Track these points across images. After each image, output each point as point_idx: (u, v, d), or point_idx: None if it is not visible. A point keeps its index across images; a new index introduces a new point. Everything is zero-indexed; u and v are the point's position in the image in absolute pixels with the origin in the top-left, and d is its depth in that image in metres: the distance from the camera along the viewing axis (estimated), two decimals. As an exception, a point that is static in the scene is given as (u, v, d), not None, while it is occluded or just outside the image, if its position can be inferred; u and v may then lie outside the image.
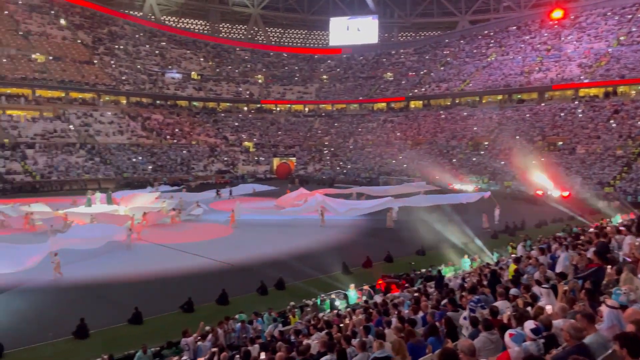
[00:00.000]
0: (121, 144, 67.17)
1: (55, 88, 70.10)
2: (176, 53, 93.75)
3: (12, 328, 15.25)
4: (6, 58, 69.63)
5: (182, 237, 30.12)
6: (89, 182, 55.20)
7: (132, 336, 15.09)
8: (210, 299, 18.33)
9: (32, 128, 62.59)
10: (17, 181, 52.64)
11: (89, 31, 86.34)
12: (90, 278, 20.95)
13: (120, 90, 77.04)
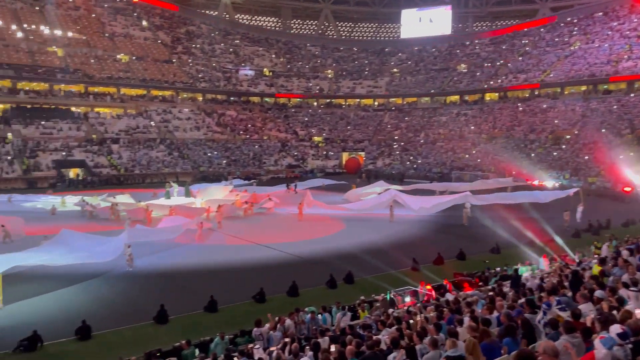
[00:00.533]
0: (197, 139, 70.03)
1: (138, 86, 74.22)
2: (249, 50, 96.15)
3: (99, 312, 16.35)
4: (94, 59, 74.61)
5: (255, 229, 30.91)
6: (168, 176, 58.02)
7: (208, 323, 15.71)
8: (281, 291, 18.69)
9: (117, 124, 66.74)
10: (103, 174, 56.37)
11: (168, 31, 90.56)
12: (170, 267, 22.03)
13: (196, 87, 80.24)
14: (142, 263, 21.95)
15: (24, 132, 58.72)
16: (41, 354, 13.54)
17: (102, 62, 74.75)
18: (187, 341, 13.20)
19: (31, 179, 52.01)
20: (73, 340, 14.27)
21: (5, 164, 52.29)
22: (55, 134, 60.34)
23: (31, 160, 54.41)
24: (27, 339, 13.59)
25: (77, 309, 16.53)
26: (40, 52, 70.90)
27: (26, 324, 14.59)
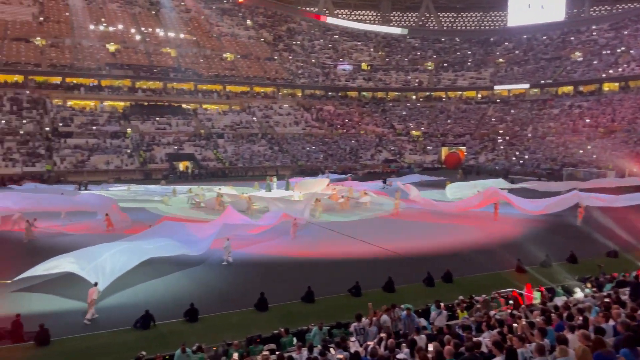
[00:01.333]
0: (296, 134, 71.80)
1: (242, 83, 77.67)
2: (348, 45, 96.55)
3: (204, 297, 17.32)
4: (203, 58, 79.21)
5: (351, 223, 31.01)
6: (268, 169, 60.16)
7: (305, 313, 16.03)
8: (376, 286, 18.54)
9: (223, 120, 70.39)
10: (210, 167, 59.77)
11: (270, 29, 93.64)
12: (269, 257, 22.78)
13: (296, 83, 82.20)
14: (243, 253, 22.90)
15: (141, 128, 64.01)
16: (154, 331, 14.62)
17: (209, 61, 79.16)
18: (286, 329, 13.54)
19: (147, 171, 56.56)
20: (182, 322, 15.25)
21: (125, 157, 57.37)
22: (168, 129, 65.06)
23: (147, 153, 59.16)
24: (142, 318, 14.73)
25: (185, 293, 17.63)
26: (156, 53, 76.70)
27: (142, 304, 15.84)
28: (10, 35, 69.93)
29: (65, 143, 57.15)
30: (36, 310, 15.59)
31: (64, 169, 53.04)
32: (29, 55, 67.33)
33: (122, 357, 12.40)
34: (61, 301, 16.50)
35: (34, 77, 65.58)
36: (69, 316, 15.31)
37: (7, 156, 52.61)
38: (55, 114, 61.62)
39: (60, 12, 78.14)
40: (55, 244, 23.29)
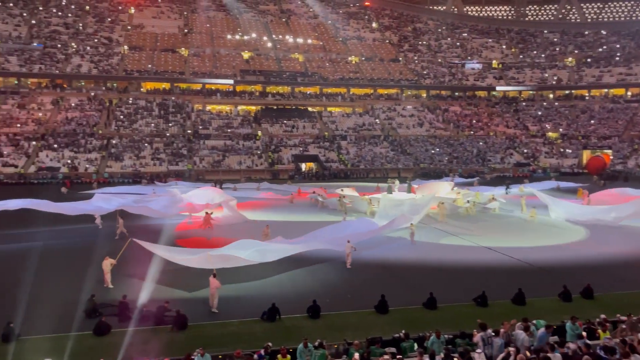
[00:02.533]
0: (420, 135, 70.35)
1: (366, 86, 78.17)
2: (477, 43, 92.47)
3: (326, 295, 17.60)
4: (328, 62, 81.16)
5: (476, 230, 29.52)
6: (390, 171, 59.73)
7: (426, 319, 15.54)
8: (504, 297, 17.38)
9: (346, 122, 71.44)
10: (333, 168, 60.96)
11: (395, 30, 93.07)
12: (390, 261, 22.51)
13: (421, 84, 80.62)
14: (365, 254, 22.89)
15: (270, 130, 67.43)
16: (279, 324, 15.21)
17: (335, 64, 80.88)
18: (406, 334, 13.22)
19: (274, 171, 59.37)
20: (304, 317, 15.67)
21: (255, 157, 60.83)
22: (295, 132, 67.70)
23: (275, 154, 62.11)
24: (269, 311, 15.42)
25: (308, 290, 18.10)
26: (285, 59, 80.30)
27: (269, 298, 16.58)
28: (160, 46, 78.03)
29: (203, 144, 62.25)
30: (167, 297, 17.06)
31: (202, 168, 57.75)
32: (175, 65, 74.54)
33: (250, 346, 13.03)
34: (185, 291, 17.88)
35: (178, 84, 72.47)
36: (197, 304, 16.49)
37: (155, 156, 58.70)
38: (196, 118, 67.39)
39: (202, 24, 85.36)
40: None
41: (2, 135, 58.20)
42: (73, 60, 71.17)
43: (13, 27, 74.71)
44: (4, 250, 23.50)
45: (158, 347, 13.19)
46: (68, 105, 65.99)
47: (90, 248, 23.29)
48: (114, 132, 62.42)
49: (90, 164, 55.82)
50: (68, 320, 14.95)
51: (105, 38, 77.60)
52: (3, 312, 14.90)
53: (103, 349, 12.98)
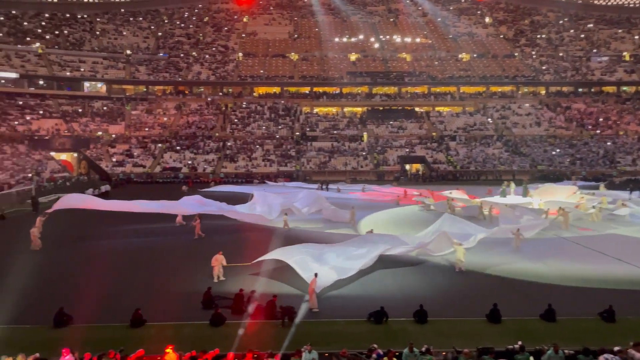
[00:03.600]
0: (537, 135, 65.78)
1: (477, 84, 74.88)
2: (605, 34, 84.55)
3: (434, 299, 17.03)
4: (437, 61, 79.00)
5: (603, 238, 26.84)
6: (503, 173, 56.61)
7: (543, 332, 14.40)
8: (637, 313, 15.56)
9: (455, 122, 68.98)
10: (440, 170, 59.14)
11: (511, 25, 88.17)
12: (503, 267, 21.22)
13: (539, 80, 75.44)
14: (478, 259, 21.85)
15: (376, 131, 67.20)
16: (385, 327, 14.97)
17: (444, 63, 78.52)
18: (521, 346, 12.35)
19: (380, 172, 59.02)
20: (411, 322, 15.26)
21: (360, 159, 60.96)
22: (401, 133, 66.79)
23: (380, 155, 61.74)
24: (376, 313, 15.25)
25: (414, 293, 17.65)
26: (392, 59, 79.58)
27: (374, 298, 16.44)
28: (271, 52, 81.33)
29: (311, 146, 63.72)
30: (277, 292, 17.55)
31: (309, 169, 59.13)
32: (285, 69, 77.21)
33: (355, 346, 12.98)
34: (287, 287, 18.24)
35: (288, 88, 74.97)
36: (297, 301, 16.78)
37: (265, 157, 61.25)
38: (304, 120, 69.20)
39: (310, 29, 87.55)
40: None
41: (132, 138, 64.38)
42: (194, 68, 76.67)
43: (142, 39, 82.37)
44: (126, 245, 25.88)
45: (269, 340, 13.62)
46: (189, 110, 71.26)
47: (198, 244, 24.90)
48: (229, 135, 66.19)
49: (207, 165, 59.74)
50: (187, 310, 16.03)
51: (222, 46, 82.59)
52: (132, 300, 16.34)
53: (219, 339, 13.68)
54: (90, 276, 19.80)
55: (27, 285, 18.20)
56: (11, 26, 75.38)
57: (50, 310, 15.06)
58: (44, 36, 75.71)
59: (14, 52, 68.98)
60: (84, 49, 75.98)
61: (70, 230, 28.30)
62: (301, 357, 11.90)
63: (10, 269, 20.83)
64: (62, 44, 75.47)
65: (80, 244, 25.66)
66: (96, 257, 22.97)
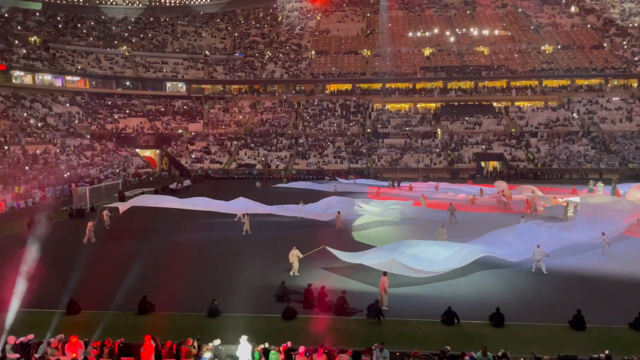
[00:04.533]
0: (628, 131, 61.02)
1: (562, 77, 70.68)
2: None
3: (512, 302, 16.29)
4: (517, 53, 75.41)
5: None
6: (589, 172, 53.14)
7: (633, 342, 13.36)
8: None
9: (537, 117, 65.51)
10: (520, 167, 56.44)
11: (599, 14, 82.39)
12: (589, 271, 19.88)
13: (631, 72, 69.87)
14: (558, 262, 20.65)
15: (450, 128, 65.34)
16: (457, 328, 14.53)
17: (525, 55, 74.83)
18: (608, 355, 11.53)
19: (454, 170, 57.35)
20: (486, 324, 14.69)
21: (434, 156, 59.55)
22: (477, 129, 64.47)
23: (455, 152, 59.98)
24: (445, 313, 14.82)
25: (490, 295, 16.98)
26: (469, 53, 76.98)
27: (447, 299, 16.00)
28: (343, 49, 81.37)
29: (382, 143, 63.13)
30: (346, 288, 17.53)
31: (380, 166, 58.63)
32: (357, 66, 76.98)
33: (427, 347, 12.70)
34: (358, 284, 18.11)
35: (359, 84, 74.69)
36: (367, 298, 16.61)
37: (337, 154, 61.48)
38: (376, 117, 68.67)
39: (383, 25, 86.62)
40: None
41: (210, 136, 67.00)
42: (268, 67, 78.39)
43: (220, 40, 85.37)
44: (198, 238, 26.93)
45: (340, 336, 13.64)
46: (263, 108, 73.00)
47: (266, 239, 25.40)
48: (300, 132, 67.10)
49: (280, 161, 60.94)
50: (260, 302, 16.43)
51: (295, 45, 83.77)
52: (208, 291, 16.99)
53: (290, 333, 13.90)
54: (168, 267, 20.88)
55: (112, 274, 19.47)
56: (100, 30, 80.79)
57: (134, 298, 15.99)
58: (130, 39, 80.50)
59: (103, 55, 73.90)
60: (166, 51, 79.98)
61: (145, 224, 29.91)
62: (372, 355, 11.80)
63: (96, 258, 22.41)
64: (146, 47, 79.89)
65: (156, 236, 27.09)
66: (172, 250, 24.21)
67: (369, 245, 22.92)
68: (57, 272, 19.56)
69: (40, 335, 12.95)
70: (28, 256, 20.34)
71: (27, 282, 17.28)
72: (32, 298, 16.41)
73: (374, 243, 23.20)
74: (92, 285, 17.87)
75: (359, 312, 15.47)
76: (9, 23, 71.33)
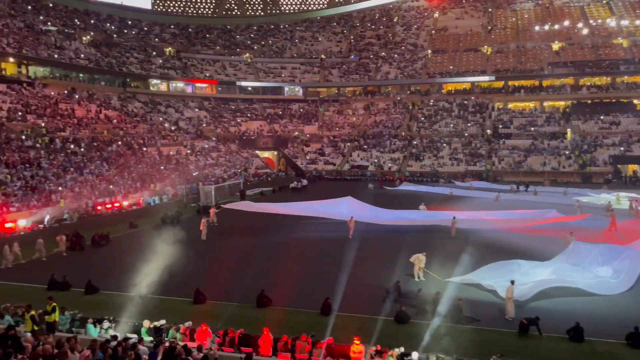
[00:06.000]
0: None
1: None
2: None
3: None
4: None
5: None
6: None
7: None
8: None
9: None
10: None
11: None
12: None
13: None
14: None
15: (582, 127, 59.79)
16: (587, 346, 13.11)
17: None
18: None
19: (586, 174, 52.37)
20: (622, 344, 13.09)
21: (562, 158, 54.89)
22: (614, 129, 58.26)
23: (587, 155, 54.73)
24: (573, 329, 13.48)
25: (630, 313, 15.11)
26: (604, 46, 69.98)
27: (576, 315, 14.54)
28: (462, 47, 78.38)
29: (503, 144, 59.62)
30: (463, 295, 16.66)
31: (501, 169, 55.40)
32: (477, 64, 73.63)
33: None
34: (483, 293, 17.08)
35: (479, 83, 71.33)
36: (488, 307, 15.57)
37: (453, 156, 59.28)
38: (497, 117, 65.07)
39: (507, 19, 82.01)
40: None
41: (324, 138, 68.33)
42: (382, 68, 78.07)
43: (335, 43, 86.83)
44: (309, 237, 27.38)
45: (455, 345, 12.98)
46: (376, 110, 72.83)
47: (379, 240, 24.99)
48: (415, 133, 65.79)
49: (393, 163, 60.29)
50: (372, 304, 16.23)
51: (411, 44, 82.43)
52: (321, 289, 17.17)
53: (403, 337, 13.52)
54: (282, 264, 21.55)
55: (231, 268, 20.54)
56: (225, 39, 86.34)
57: (252, 291, 16.66)
58: (252, 46, 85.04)
59: (228, 62, 78.88)
60: (285, 56, 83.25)
61: (258, 222, 30.96)
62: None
63: (218, 252, 23.81)
64: (267, 53, 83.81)
65: (268, 234, 28.15)
66: (285, 246, 25.01)
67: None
68: (185, 264, 21.06)
69: (170, 321, 13.96)
70: (160, 248, 22.24)
71: (159, 271, 18.83)
72: (163, 286, 17.83)
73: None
74: (214, 278, 18.96)
75: (477, 322, 14.64)
76: (148, 36, 79.05)
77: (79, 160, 39.38)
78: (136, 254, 22.51)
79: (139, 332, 13.12)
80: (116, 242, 26.46)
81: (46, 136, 40.66)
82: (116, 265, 21.65)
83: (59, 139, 41.11)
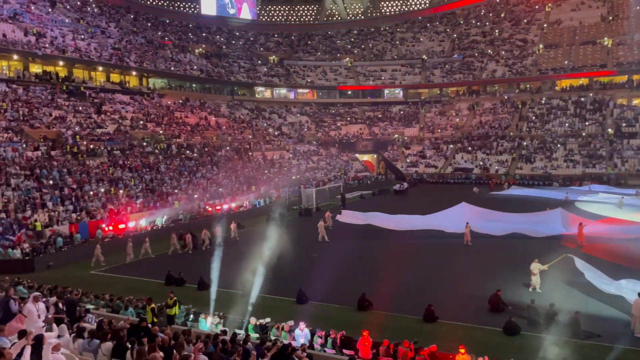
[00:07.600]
0: None
1: None
2: None
3: None
4: None
5: None
6: None
7: None
8: None
9: None
10: None
11: None
12: None
13: None
14: None
15: None
16: None
17: None
18: None
19: None
20: None
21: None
22: None
23: None
24: None
25: None
26: None
27: None
28: (578, 40, 72.46)
29: (628, 144, 54.08)
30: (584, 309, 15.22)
31: (625, 172, 50.30)
32: (595, 57, 67.64)
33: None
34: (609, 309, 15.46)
35: (598, 78, 65.45)
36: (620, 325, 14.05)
37: (568, 157, 54.91)
38: (619, 114, 59.23)
39: (630, 7, 74.50)
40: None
41: (426, 140, 66.75)
42: (488, 66, 74.55)
43: (437, 43, 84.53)
44: (411, 244, 26.64)
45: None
46: (482, 110, 69.65)
47: (484, 250, 23.71)
48: (525, 134, 61.92)
49: (500, 166, 57.22)
50: (478, 313, 15.44)
51: (520, 40, 77.85)
52: (424, 295, 16.68)
53: (512, 349, 12.69)
54: (385, 268, 21.22)
55: (333, 270, 20.61)
56: (326, 45, 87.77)
57: (353, 294, 16.60)
58: (352, 51, 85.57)
59: (329, 68, 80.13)
60: (385, 59, 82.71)
61: (364, 226, 30.69)
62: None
63: (320, 254, 24.07)
64: (367, 56, 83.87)
65: (374, 238, 27.86)
66: (389, 251, 24.57)
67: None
68: (289, 264, 21.56)
69: (274, 320, 14.34)
70: (266, 248, 22.98)
71: (266, 270, 19.44)
72: (269, 285, 18.35)
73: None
74: (316, 279, 19.20)
75: (598, 337, 13.32)
76: (253, 45, 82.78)
77: (192, 165, 42.23)
78: (244, 253, 23.50)
79: (245, 329, 13.62)
80: (226, 242, 27.88)
81: (164, 142, 44.12)
82: (225, 263, 22.79)
83: (174, 145, 44.42)
